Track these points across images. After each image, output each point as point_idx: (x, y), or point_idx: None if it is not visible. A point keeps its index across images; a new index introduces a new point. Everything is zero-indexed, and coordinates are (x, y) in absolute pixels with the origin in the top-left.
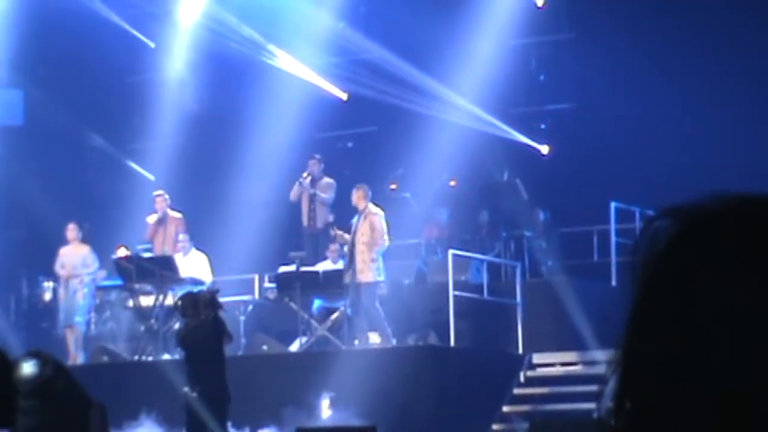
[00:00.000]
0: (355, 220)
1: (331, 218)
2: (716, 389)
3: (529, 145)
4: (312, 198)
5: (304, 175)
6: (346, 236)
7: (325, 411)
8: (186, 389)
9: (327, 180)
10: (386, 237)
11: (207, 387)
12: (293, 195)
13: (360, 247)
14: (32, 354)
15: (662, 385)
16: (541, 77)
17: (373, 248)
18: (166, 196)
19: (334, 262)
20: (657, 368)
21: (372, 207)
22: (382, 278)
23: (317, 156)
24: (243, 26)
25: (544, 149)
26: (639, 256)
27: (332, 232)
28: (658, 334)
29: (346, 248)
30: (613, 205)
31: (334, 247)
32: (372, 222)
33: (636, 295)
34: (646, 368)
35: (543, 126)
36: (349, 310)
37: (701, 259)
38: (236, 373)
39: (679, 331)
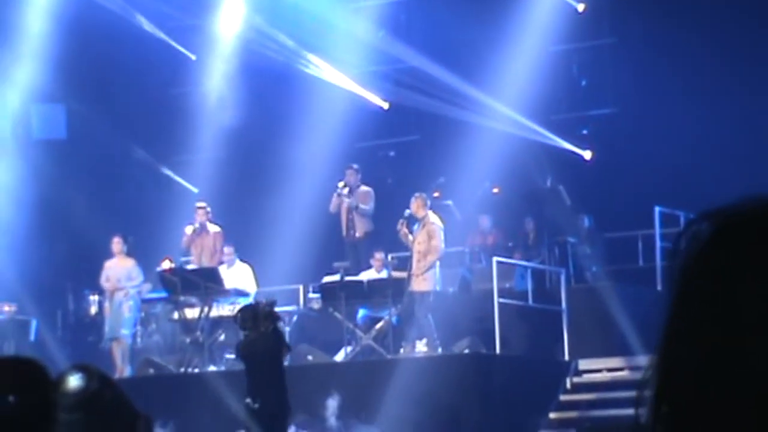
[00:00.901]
0: (415, 227)
1: (370, 227)
2: (752, 392)
3: (572, 151)
4: (350, 208)
5: (341, 185)
6: (410, 237)
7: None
8: (248, 401)
9: (364, 188)
10: (442, 247)
11: (268, 399)
12: (333, 206)
13: (416, 256)
14: (78, 367)
15: (699, 387)
16: (583, 83)
17: (428, 257)
18: (208, 209)
19: (378, 271)
20: (694, 371)
21: (431, 216)
22: (438, 288)
23: (354, 166)
24: (283, 36)
25: (587, 155)
26: (677, 260)
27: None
28: (694, 336)
29: (390, 257)
30: (657, 209)
31: (378, 255)
32: (430, 231)
33: (673, 298)
34: (683, 371)
35: (585, 131)
36: (394, 319)
37: (737, 261)
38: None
39: (715, 333)
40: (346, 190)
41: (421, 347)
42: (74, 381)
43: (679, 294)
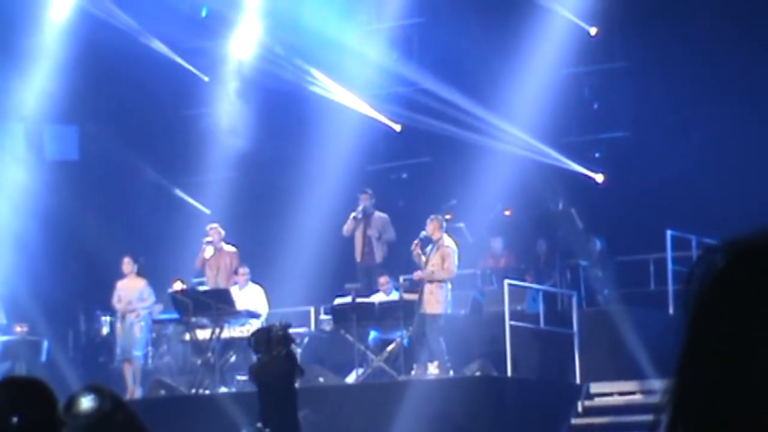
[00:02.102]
0: (429, 248)
1: (387, 253)
2: None
3: (584, 174)
4: (367, 235)
5: (358, 209)
6: (423, 258)
7: None
8: (259, 425)
9: (380, 215)
10: (454, 270)
11: (280, 422)
12: (346, 229)
13: (429, 277)
14: (90, 388)
15: (715, 412)
16: (595, 106)
17: (440, 280)
18: (221, 230)
19: (387, 293)
20: (710, 396)
21: (446, 239)
22: (449, 310)
23: (368, 190)
24: (296, 58)
25: (599, 178)
26: (693, 286)
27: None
28: (711, 363)
29: (402, 279)
30: (669, 233)
31: (384, 279)
32: (444, 254)
33: (689, 324)
34: (700, 396)
35: (597, 154)
36: (406, 341)
37: (752, 291)
38: None
39: (732, 360)
40: (361, 215)
41: (432, 369)
42: (87, 402)
43: (695, 322)
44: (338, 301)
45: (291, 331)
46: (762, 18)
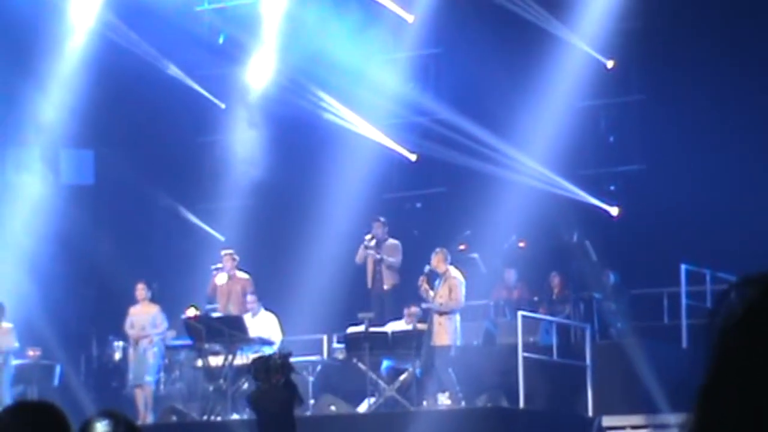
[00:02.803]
0: (436, 282)
1: (397, 280)
2: None
3: (599, 207)
4: (377, 261)
5: (368, 237)
6: (431, 292)
7: None
8: None
9: (392, 242)
10: (462, 301)
11: None
12: (359, 258)
13: (439, 309)
14: (105, 413)
15: None
16: (611, 138)
17: (449, 312)
18: (235, 256)
19: (409, 324)
20: (734, 429)
21: (452, 270)
22: (459, 342)
23: (381, 219)
24: (312, 86)
25: (614, 211)
26: (716, 323)
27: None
28: (734, 398)
29: (413, 309)
30: (683, 267)
31: (413, 309)
32: (451, 285)
33: (712, 361)
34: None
35: (612, 187)
36: (418, 371)
37: None
38: None
39: (758, 396)
40: (373, 242)
41: (444, 400)
42: (101, 427)
43: (720, 357)
44: (351, 329)
45: (304, 359)
46: None
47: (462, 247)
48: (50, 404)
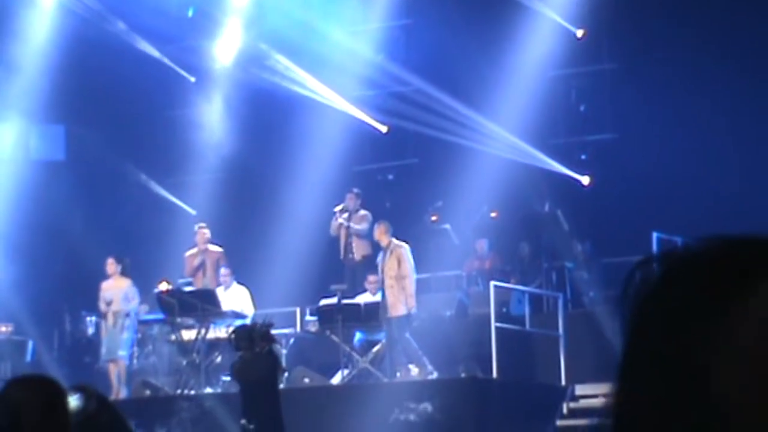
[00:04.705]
0: (380, 257)
1: (369, 251)
2: (709, 428)
3: (570, 176)
4: (348, 231)
5: (338, 208)
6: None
7: None
8: (243, 422)
9: (362, 212)
10: (412, 268)
11: (263, 420)
12: (333, 229)
13: (389, 282)
14: (76, 388)
15: (655, 426)
16: (581, 108)
17: (402, 281)
18: (207, 231)
19: (373, 293)
20: (649, 409)
21: (396, 241)
22: (413, 310)
23: (355, 190)
24: (282, 59)
25: (585, 180)
26: (628, 299)
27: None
28: (648, 375)
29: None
30: (654, 235)
31: (372, 278)
32: (398, 256)
33: (626, 338)
34: (636, 410)
35: (583, 156)
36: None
37: (686, 303)
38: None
39: (669, 370)
40: (345, 215)
41: (415, 371)
42: (73, 401)
43: (633, 333)
44: (324, 302)
45: (277, 331)
46: (753, 18)
47: (434, 218)
48: (46, 377)
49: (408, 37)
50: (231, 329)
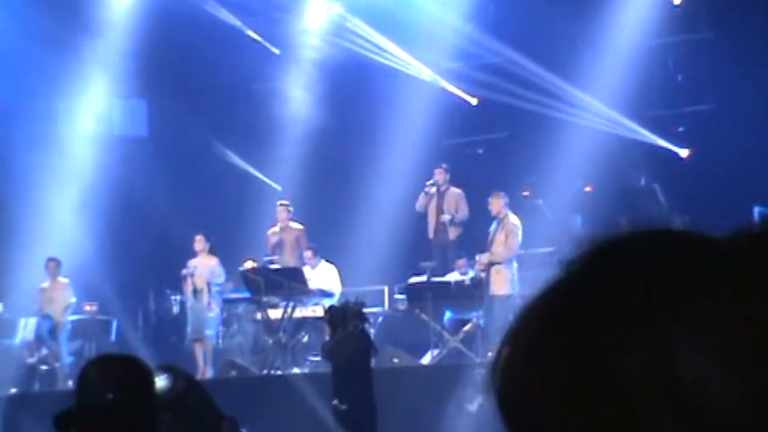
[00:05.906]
0: (492, 227)
1: (462, 231)
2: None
3: (668, 149)
4: (440, 212)
5: (429, 183)
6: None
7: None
8: (335, 402)
9: (454, 190)
10: (515, 249)
11: (356, 400)
12: (419, 205)
13: (494, 257)
14: (164, 367)
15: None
16: (679, 78)
17: (506, 259)
18: (290, 208)
19: (462, 274)
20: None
21: (512, 216)
22: (517, 290)
23: (444, 165)
24: (369, 31)
25: (683, 152)
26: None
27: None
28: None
29: (479, 258)
30: (756, 209)
31: (462, 262)
32: (508, 231)
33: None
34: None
35: (681, 128)
36: (482, 321)
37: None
38: None
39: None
40: (433, 189)
41: None
42: (160, 381)
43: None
44: (413, 280)
45: (365, 310)
46: None
47: (526, 193)
48: (134, 357)
49: (497, 7)
50: (323, 311)
